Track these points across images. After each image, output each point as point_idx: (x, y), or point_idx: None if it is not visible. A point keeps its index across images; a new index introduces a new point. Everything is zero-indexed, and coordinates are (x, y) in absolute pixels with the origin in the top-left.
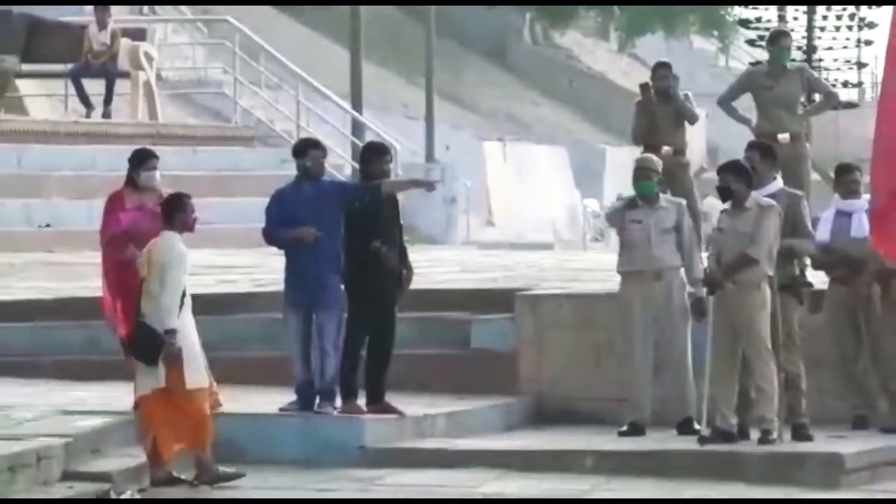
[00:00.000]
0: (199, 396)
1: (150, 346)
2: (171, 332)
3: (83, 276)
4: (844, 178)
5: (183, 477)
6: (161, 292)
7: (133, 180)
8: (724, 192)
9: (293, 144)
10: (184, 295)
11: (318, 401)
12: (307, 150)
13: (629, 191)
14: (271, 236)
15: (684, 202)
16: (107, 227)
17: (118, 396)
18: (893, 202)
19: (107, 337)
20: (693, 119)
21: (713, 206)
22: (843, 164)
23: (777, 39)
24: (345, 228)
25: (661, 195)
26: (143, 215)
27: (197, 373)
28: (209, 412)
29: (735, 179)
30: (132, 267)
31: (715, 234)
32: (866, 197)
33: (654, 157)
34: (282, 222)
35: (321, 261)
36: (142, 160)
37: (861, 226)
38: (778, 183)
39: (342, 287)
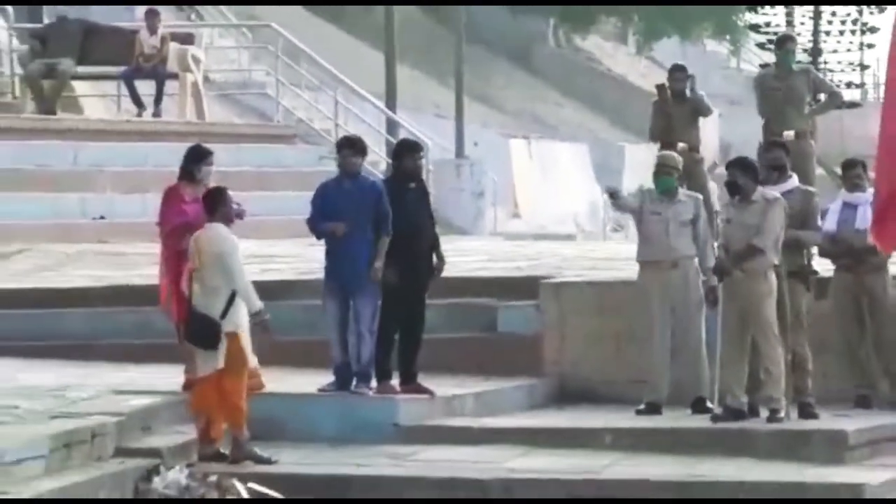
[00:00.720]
0: (242, 378)
1: (206, 332)
2: (262, 311)
3: (135, 266)
4: (850, 173)
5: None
6: (233, 279)
7: (190, 174)
8: (732, 187)
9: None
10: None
11: (354, 382)
12: (340, 149)
13: (648, 185)
14: (313, 227)
15: (701, 197)
16: (167, 219)
17: (167, 377)
18: (892, 199)
19: (157, 321)
20: (707, 112)
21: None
22: (849, 160)
23: (783, 43)
24: None
25: (680, 190)
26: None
27: (251, 354)
28: (249, 394)
29: (742, 174)
30: (177, 255)
31: (724, 225)
32: (871, 191)
33: (675, 155)
34: (323, 214)
35: (358, 252)
36: (202, 156)
37: (866, 218)
38: (794, 181)
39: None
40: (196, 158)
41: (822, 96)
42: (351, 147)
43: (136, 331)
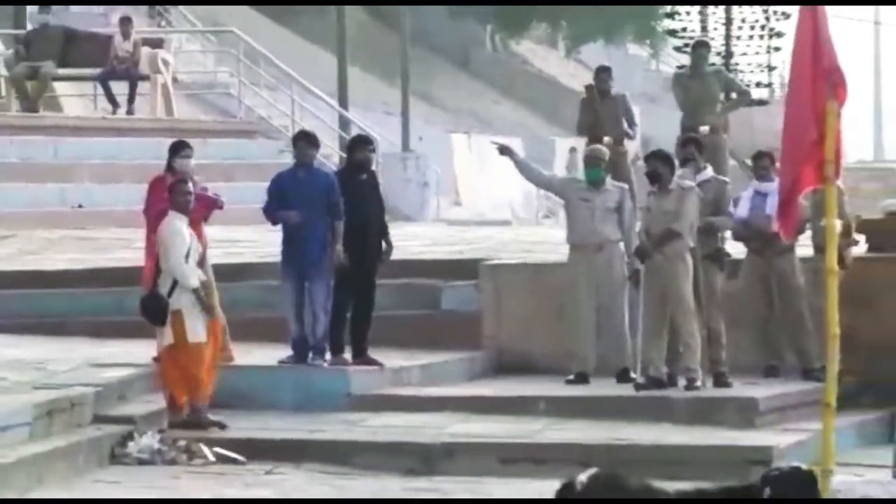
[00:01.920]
0: (197, 350)
1: (153, 308)
2: (196, 290)
3: (110, 249)
4: (759, 164)
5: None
6: (168, 264)
7: (170, 166)
8: (653, 177)
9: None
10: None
11: (310, 355)
12: (296, 141)
13: (577, 174)
14: (268, 214)
15: (626, 186)
16: (152, 206)
17: (140, 352)
18: (794, 190)
19: (130, 300)
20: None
21: None
22: (758, 152)
23: (698, 48)
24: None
25: (608, 180)
26: None
27: (195, 330)
28: (212, 364)
29: (662, 165)
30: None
31: (643, 212)
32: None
33: (603, 148)
34: (279, 202)
35: (312, 237)
36: (177, 149)
37: (774, 205)
38: (709, 171)
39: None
40: (172, 151)
41: (734, 95)
42: (306, 139)
43: (112, 309)
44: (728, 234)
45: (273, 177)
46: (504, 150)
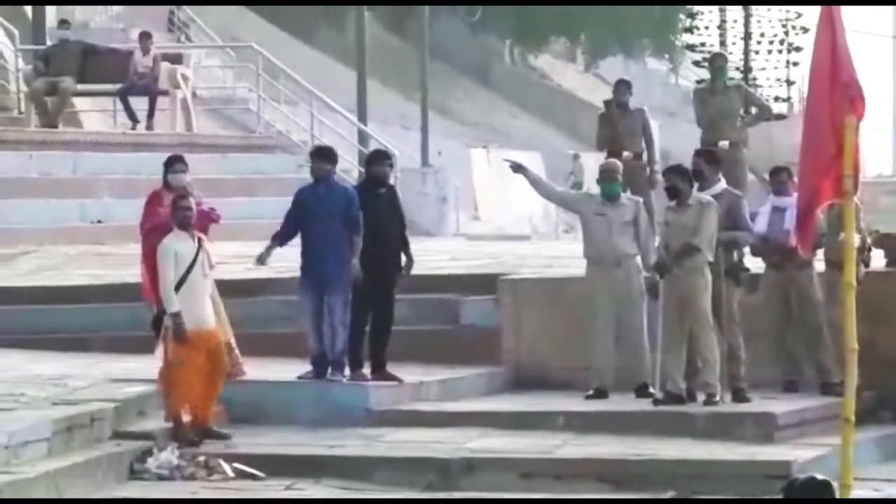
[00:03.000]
0: (182, 369)
1: (154, 323)
2: (175, 314)
3: (129, 265)
4: (776, 178)
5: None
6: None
7: (165, 181)
8: (671, 191)
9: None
10: (182, 283)
11: (329, 370)
12: (312, 157)
13: (593, 189)
14: (283, 226)
15: (641, 200)
16: (147, 220)
17: (159, 367)
18: (812, 205)
19: (149, 316)
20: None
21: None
22: (776, 167)
23: (716, 60)
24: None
25: (623, 194)
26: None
27: (177, 350)
28: (211, 383)
29: (681, 180)
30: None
31: (663, 226)
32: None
33: (618, 162)
34: (298, 216)
35: (330, 251)
36: (170, 164)
37: (792, 220)
38: (722, 184)
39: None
40: (166, 166)
41: (753, 109)
42: (321, 155)
43: (131, 324)
44: (746, 249)
45: (295, 193)
46: (517, 168)
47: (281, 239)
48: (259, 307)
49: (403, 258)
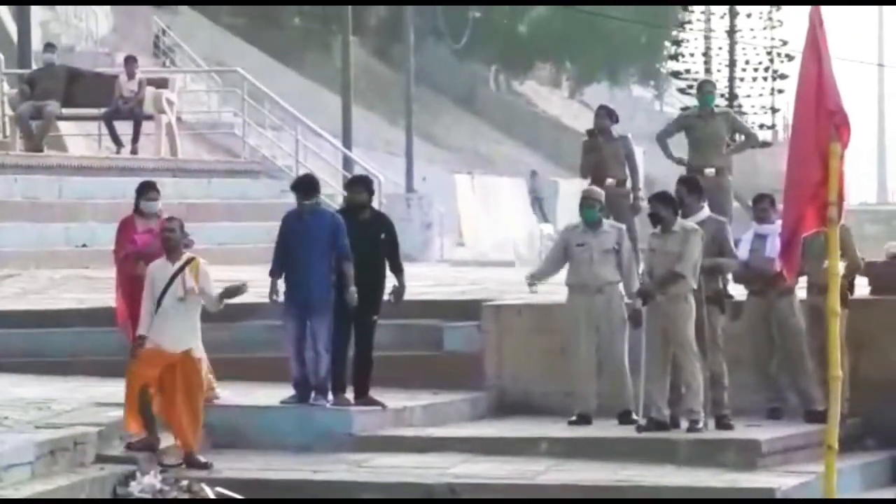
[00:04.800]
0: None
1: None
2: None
3: (114, 289)
4: (758, 206)
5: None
6: None
7: (137, 207)
8: (655, 218)
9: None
10: (158, 306)
11: (313, 395)
12: (294, 191)
13: (573, 220)
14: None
15: (624, 227)
16: (121, 247)
17: None
18: (797, 232)
19: (127, 343)
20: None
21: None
22: (758, 195)
23: (703, 86)
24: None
25: (604, 220)
26: (153, 237)
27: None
28: (179, 408)
29: (664, 207)
30: (141, 281)
31: (647, 253)
32: (779, 223)
33: (598, 189)
34: (284, 243)
35: (313, 278)
36: (142, 191)
37: (774, 247)
38: (705, 211)
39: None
40: (138, 193)
41: (739, 137)
42: (301, 190)
43: (115, 349)
44: (729, 276)
45: (282, 218)
46: (532, 284)
47: (278, 272)
48: (242, 332)
49: (395, 282)
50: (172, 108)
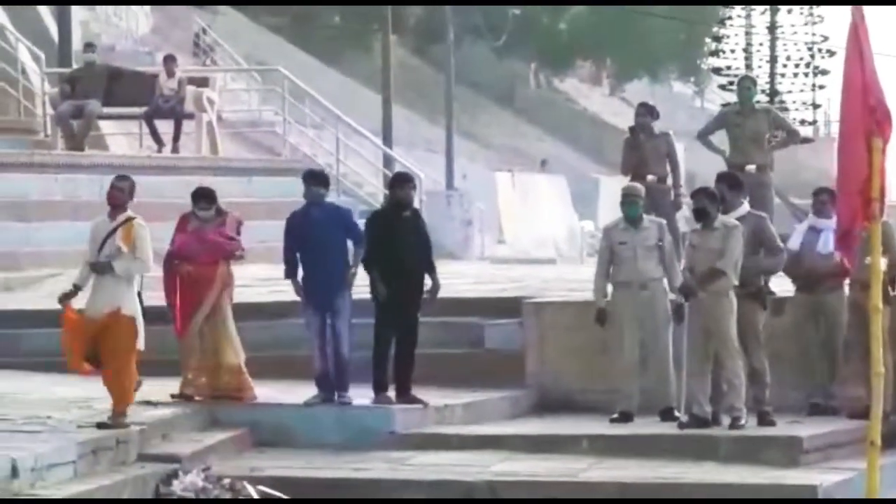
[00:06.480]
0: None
1: None
2: (75, 286)
3: (153, 288)
4: (818, 199)
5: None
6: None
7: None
8: (700, 213)
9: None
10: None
11: (336, 395)
12: (304, 181)
13: (618, 215)
14: (285, 261)
15: (665, 222)
16: (171, 244)
17: None
18: (854, 221)
19: (172, 339)
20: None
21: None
22: (819, 188)
23: (743, 82)
24: (372, 244)
25: (645, 216)
26: (192, 239)
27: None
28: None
29: (710, 202)
30: (179, 279)
31: (688, 250)
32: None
33: (638, 185)
34: (295, 242)
35: (330, 273)
36: (193, 199)
37: (827, 243)
38: (745, 207)
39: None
40: (192, 199)
41: (778, 132)
42: (315, 179)
43: (156, 348)
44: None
45: (287, 219)
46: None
47: (292, 273)
48: (282, 330)
49: (429, 282)
50: (213, 107)
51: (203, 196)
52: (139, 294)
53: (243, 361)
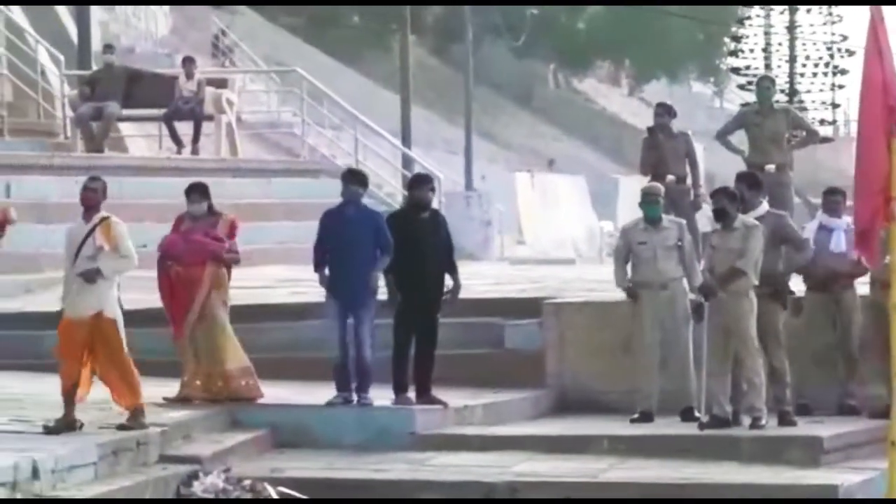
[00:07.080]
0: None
1: None
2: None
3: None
4: (829, 199)
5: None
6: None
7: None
8: (720, 213)
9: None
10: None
11: (356, 397)
12: (343, 179)
13: (637, 214)
14: (315, 255)
15: (684, 222)
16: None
17: None
18: (874, 220)
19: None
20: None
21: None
22: (831, 187)
23: (762, 82)
24: (395, 246)
25: (664, 216)
26: (179, 239)
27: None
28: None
29: (730, 202)
30: (168, 280)
31: (708, 250)
32: (847, 219)
33: (659, 185)
34: (327, 238)
35: (355, 270)
36: (186, 193)
37: (839, 242)
38: (764, 206)
39: (380, 291)
40: (186, 194)
41: (797, 132)
42: (354, 178)
43: (171, 349)
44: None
45: (322, 215)
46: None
47: (322, 266)
48: (303, 331)
49: (450, 282)
50: (232, 109)
51: (195, 189)
52: (118, 299)
53: (243, 366)
